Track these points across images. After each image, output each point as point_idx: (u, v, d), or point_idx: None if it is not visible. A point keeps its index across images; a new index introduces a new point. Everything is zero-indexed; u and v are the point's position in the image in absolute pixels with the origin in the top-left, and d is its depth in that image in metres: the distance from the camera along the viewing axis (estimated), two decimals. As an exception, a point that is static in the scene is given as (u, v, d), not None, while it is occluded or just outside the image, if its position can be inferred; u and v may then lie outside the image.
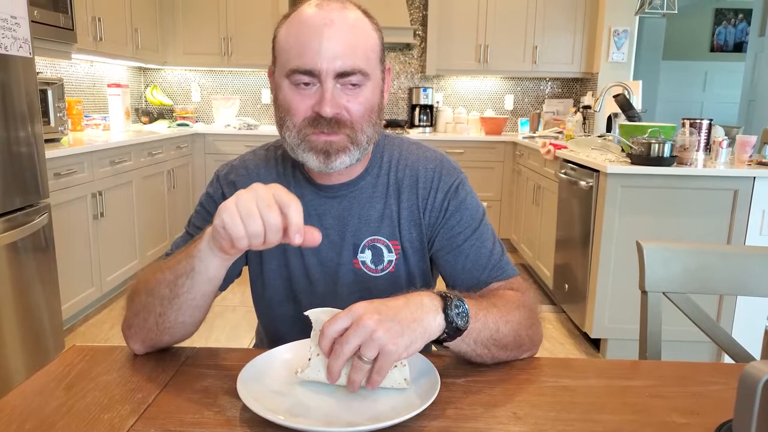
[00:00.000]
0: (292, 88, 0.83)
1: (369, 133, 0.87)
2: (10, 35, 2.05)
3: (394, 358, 0.67)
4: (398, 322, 0.68)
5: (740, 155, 2.53)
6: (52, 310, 2.36)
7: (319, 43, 0.80)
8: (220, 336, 2.79)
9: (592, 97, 4.35)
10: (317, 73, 0.81)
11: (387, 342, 0.66)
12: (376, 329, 0.66)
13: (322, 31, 0.80)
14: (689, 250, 1.12)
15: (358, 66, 0.82)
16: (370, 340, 0.66)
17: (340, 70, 0.81)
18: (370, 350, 0.66)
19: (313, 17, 0.81)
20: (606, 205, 2.49)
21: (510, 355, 0.84)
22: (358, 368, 0.67)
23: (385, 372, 0.68)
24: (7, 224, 2.08)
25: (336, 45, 0.80)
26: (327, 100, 0.81)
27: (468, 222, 0.94)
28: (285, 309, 1.00)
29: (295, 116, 0.84)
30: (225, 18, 4.38)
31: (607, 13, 4.25)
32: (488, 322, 0.79)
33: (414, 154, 0.98)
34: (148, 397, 0.73)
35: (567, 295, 2.96)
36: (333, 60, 0.80)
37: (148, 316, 0.80)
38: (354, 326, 0.66)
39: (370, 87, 0.85)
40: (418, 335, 0.69)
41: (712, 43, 6.72)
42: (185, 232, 0.98)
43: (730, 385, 0.81)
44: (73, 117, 3.46)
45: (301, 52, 0.81)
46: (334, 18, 0.81)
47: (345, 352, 0.66)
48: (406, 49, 4.81)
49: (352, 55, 0.81)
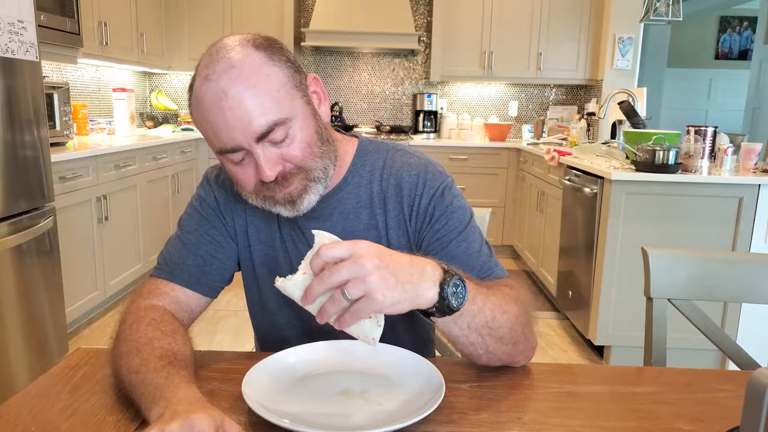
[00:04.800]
0: (232, 165, 0.82)
1: (320, 164, 0.85)
2: (17, 39, 2.07)
3: (375, 307, 0.65)
4: (395, 276, 0.66)
5: (745, 163, 2.52)
6: (56, 313, 2.37)
7: (224, 119, 0.77)
8: (223, 340, 2.79)
9: (596, 104, 4.35)
10: (240, 147, 0.79)
11: (376, 289, 0.64)
12: (372, 273, 0.64)
13: (221, 105, 0.77)
14: (694, 257, 1.11)
15: (272, 119, 0.78)
16: (361, 279, 0.64)
17: (258, 134, 0.78)
18: (356, 289, 0.64)
19: (207, 94, 0.78)
20: (610, 212, 2.48)
21: (505, 350, 0.82)
22: (336, 301, 0.65)
23: (360, 317, 0.66)
24: (13, 227, 2.09)
25: (240, 113, 0.77)
26: (263, 167, 0.79)
27: (454, 225, 0.92)
28: (284, 314, 1.00)
29: (247, 188, 0.84)
30: (230, 23, 4.40)
31: (612, 20, 4.26)
32: (485, 308, 0.77)
33: (398, 161, 0.96)
34: (152, 400, 0.73)
35: (571, 302, 2.95)
36: (245, 128, 0.77)
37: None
38: (352, 260, 0.64)
39: (298, 125, 0.81)
40: (408, 298, 0.67)
41: (717, 50, 6.72)
42: (177, 239, 0.96)
43: (735, 392, 0.81)
44: (79, 121, 3.48)
45: (215, 133, 0.79)
46: (225, 88, 0.77)
47: (332, 280, 0.64)
48: (410, 55, 4.83)
49: (261, 112, 0.77)
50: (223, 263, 0.95)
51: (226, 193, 0.96)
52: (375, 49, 4.68)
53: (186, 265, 0.92)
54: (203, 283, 0.93)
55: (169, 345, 0.77)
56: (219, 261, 0.95)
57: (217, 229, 0.95)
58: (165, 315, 0.86)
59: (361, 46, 4.49)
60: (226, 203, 0.96)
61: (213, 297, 0.95)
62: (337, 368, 0.83)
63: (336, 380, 0.79)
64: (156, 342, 0.77)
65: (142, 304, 0.87)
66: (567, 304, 3.02)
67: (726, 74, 6.69)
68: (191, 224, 0.96)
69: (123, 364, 0.75)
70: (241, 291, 1.02)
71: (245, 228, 0.97)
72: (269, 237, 0.97)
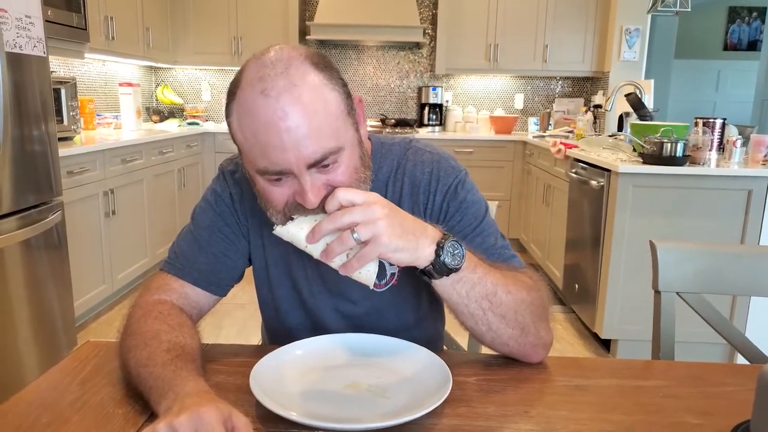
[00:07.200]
0: (265, 182, 0.78)
1: (361, 188, 0.82)
2: (24, 35, 2.07)
3: (381, 250, 0.69)
4: (401, 226, 0.71)
5: (754, 155, 2.50)
6: (64, 307, 2.39)
7: (279, 140, 0.72)
8: (229, 333, 2.80)
9: (603, 96, 4.32)
10: (288, 171, 0.74)
11: (383, 233, 0.69)
12: (382, 218, 0.69)
13: (279, 125, 0.71)
14: (703, 250, 1.11)
15: (329, 148, 0.74)
16: (371, 223, 0.69)
17: (311, 161, 0.73)
18: (366, 231, 0.68)
19: (264, 110, 0.72)
20: (617, 205, 2.47)
21: (511, 335, 0.81)
22: (344, 242, 0.69)
23: (366, 261, 0.70)
24: (21, 222, 2.11)
25: (298, 134, 0.72)
26: (308, 194, 0.75)
27: (469, 221, 0.92)
28: (295, 315, 0.99)
29: (276, 207, 0.79)
30: (236, 17, 4.40)
31: (619, 11, 4.22)
32: (486, 281, 0.78)
33: (411, 161, 0.95)
34: (161, 393, 0.74)
35: (577, 295, 2.95)
36: (300, 152, 0.72)
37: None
38: (364, 205, 0.69)
39: (347, 154, 0.78)
40: (410, 247, 0.72)
41: (725, 41, 6.65)
42: (190, 233, 0.95)
43: (744, 386, 0.80)
44: (86, 116, 3.50)
45: (264, 152, 0.73)
46: (286, 107, 0.71)
47: (343, 220, 0.69)
48: (415, 48, 4.81)
49: (318, 138, 0.73)
50: (235, 261, 0.95)
51: (241, 191, 0.95)
52: (380, 42, 4.67)
53: (197, 262, 0.92)
54: (213, 282, 0.93)
55: (176, 338, 0.77)
56: (230, 260, 0.94)
57: (230, 226, 0.94)
58: (172, 309, 0.86)
59: (366, 39, 4.47)
60: (241, 201, 0.95)
61: (222, 295, 0.95)
62: (345, 361, 0.83)
63: (343, 373, 0.80)
64: (163, 335, 0.77)
65: (150, 299, 0.87)
66: (573, 297, 3.02)
67: (735, 65, 6.62)
68: (204, 219, 0.95)
69: (131, 358, 0.75)
70: (247, 284, 1.02)
71: (260, 227, 0.95)
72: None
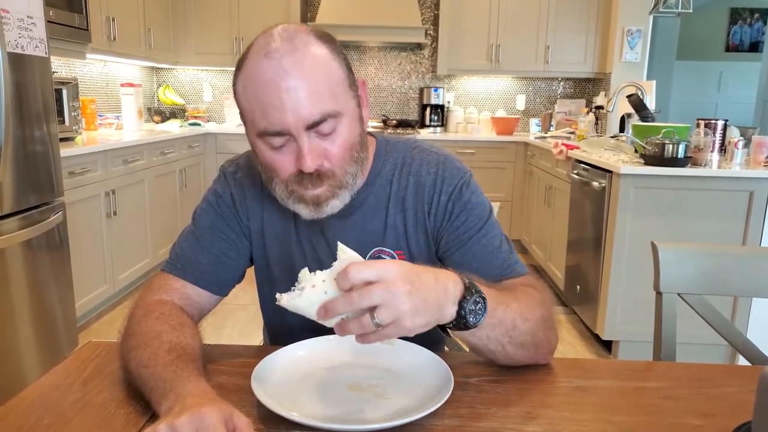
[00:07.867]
0: (268, 149, 0.81)
1: (353, 169, 0.85)
2: (26, 35, 2.08)
3: (404, 333, 0.65)
4: (424, 301, 0.65)
5: (756, 156, 2.50)
6: (66, 307, 2.39)
7: (279, 99, 0.75)
8: (231, 334, 2.80)
9: (604, 98, 4.32)
10: (287, 131, 0.77)
11: (406, 317, 0.64)
12: (405, 302, 0.63)
13: (279, 84, 0.75)
14: (704, 251, 1.11)
15: (327, 110, 0.77)
16: (393, 307, 0.63)
17: (309, 122, 0.77)
18: (387, 316, 0.63)
19: (266, 71, 0.76)
20: (619, 206, 2.47)
21: (526, 355, 0.82)
22: (364, 326, 0.64)
23: (386, 338, 0.66)
24: (23, 222, 2.11)
25: (297, 95, 0.75)
26: (305, 156, 0.78)
27: (473, 222, 0.93)
28: (296, 316, 0.99)
29: (281, 175, 0.82)
30: (237, 18, 4.40)
31: (621, 12, 4.22)
32: (506, 318, 0.76)
33: (417, 160, 0.96)
34: (162, 393, 0.74)
35: (578, 296, 2.94)
36: (299, 112, 0.76)
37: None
38: (384, 286, 0.63)
39: (345, 123, 0.81)
40: (433, 320, 0.68)
41: (727, 42, 6.64)
42: (191, 234, 0.95)
43: (745, 387, 0.80)
44: (87, 116, 3.50)
45: (264, 113, 0.77)
46: (287, 67, 0.75)
47: (362, 304, 0.63)
48: (417, 48, 4.81)
49: (317, 100, 0.76)
50: (236, 261, 0.95)
51: (242, 192, 0.96)
52: (381, 43, 4.67)
53: (198, 263, 0.92)
54: (214, 282, 0.93)
55: (177, 339, 0.77)
56: (232, 260, 0.94)
57: (231, 227, 0.95)
58: (174, 309, 0.86)
59: (367, 40, 4.47)
60: (242, 201, 0.96)
61: (224, 295, 0.95)
62: (346, 362, 0.83)
63: (345, 374, 0.80)
64: (164, 336, 0.77)
65: (151, 300, 0.87)
66: (575, 298, 3.02)
67: (736, 66, 6.62)
68: (206, 220, 0.95)
69: (132, 358, 0.75)
70: (249, 285, 1.02)
71: (261, 227, 0.96)
72: (285, 236, 0.96)
